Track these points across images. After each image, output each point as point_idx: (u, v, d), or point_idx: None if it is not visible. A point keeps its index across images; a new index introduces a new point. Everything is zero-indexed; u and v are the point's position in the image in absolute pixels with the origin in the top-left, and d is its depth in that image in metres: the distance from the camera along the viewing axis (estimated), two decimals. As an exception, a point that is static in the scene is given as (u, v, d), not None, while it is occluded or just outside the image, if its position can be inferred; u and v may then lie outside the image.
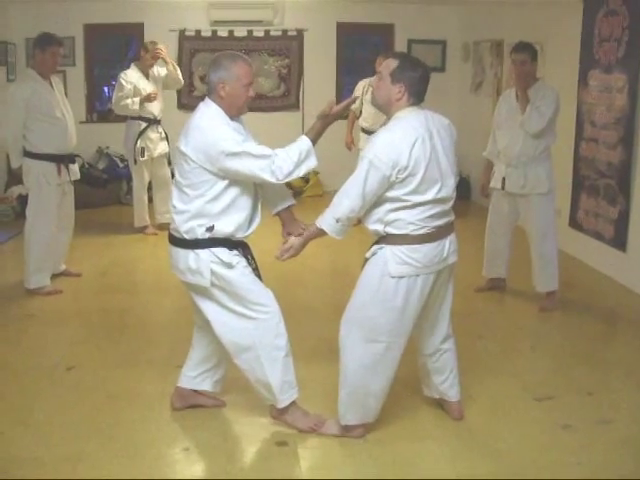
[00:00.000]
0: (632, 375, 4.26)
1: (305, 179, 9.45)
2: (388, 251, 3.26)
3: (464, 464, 3.31)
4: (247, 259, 3.44)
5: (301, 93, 9.90)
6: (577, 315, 5.28)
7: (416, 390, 3.87)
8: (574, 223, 6.65)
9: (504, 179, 5.34)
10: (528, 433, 3.57)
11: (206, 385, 3.73)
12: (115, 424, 3.61)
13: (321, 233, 3.33)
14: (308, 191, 9.48)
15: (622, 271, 5.96)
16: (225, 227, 3.31)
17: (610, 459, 3.35)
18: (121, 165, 9.11)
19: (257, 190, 3.45)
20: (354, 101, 3.59)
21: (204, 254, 3.30)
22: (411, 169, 3.15)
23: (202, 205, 3.28)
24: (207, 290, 3.36)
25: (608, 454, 3.39)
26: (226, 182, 3.27)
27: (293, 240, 3.44)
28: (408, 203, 3.20)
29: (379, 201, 3.24)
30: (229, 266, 3.32)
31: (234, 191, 3.30)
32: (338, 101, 3.52)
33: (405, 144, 3.16)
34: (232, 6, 9.29)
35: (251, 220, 3.42)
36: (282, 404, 3.49)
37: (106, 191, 9.00)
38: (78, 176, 5.90)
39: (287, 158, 3.26)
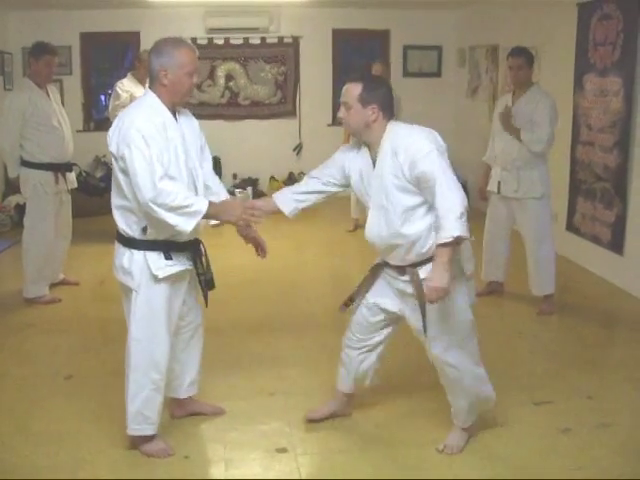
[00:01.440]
0: (631, 378, 4.26)
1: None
2: (457, 250, 3.15)
3: (464, 469, 3.31)
4: (195, 263, 3.31)
5: (297, 100, 9.92)
6: (575, 319, 5.28)
7: (415, 396, 3.87)
8: (571, 227, 6.67)
9: (499, 183, 5.36)
10: (527, 437, 3.57)
11: (183, 392, 3.68)
12: (114, 432, 3.60)
13: (454, 244, 2.98)
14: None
15: (619, 274, 5.96)
16: (158, 231, 3.15)
17: (610, 463, 3.34)
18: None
19: (197, 185, 3.28)
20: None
21: (138, 256, 3.19)
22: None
23: (133, 203, 3.12)
24: (131, 293, 3.26)
25: (608, 458, 3.38)
26: None
27: (430, 281, 3.00)
28: None
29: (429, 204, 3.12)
30: (155, 278, 3.19)
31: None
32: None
33: (433, 131, 3.18)
34: (228, 14, 9.33)
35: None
36: (129, 431, 3.39)
37: (104, 199, 8.90)
38: (75, 185, 5.91)
39: (177, 195, 3.01)
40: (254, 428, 3.67)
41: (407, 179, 3.08)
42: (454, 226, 2.93)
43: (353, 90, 3.20)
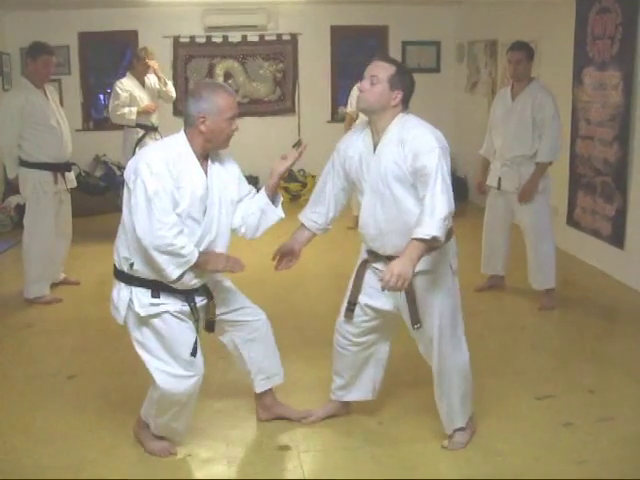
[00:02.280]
0: (633, 372, 4.26)
1: (303, 183, 9.47)
2: (446, 247, 3.22)
3: (466, 464, 3.31)
4: (191, 307, 3.17)
5: (296, 97, 9.90)
6: (576, 313, 5.28)
7: (417, 392, 3.87)
8: (571, 221, 6.66)
9: (499, 178, 5.35)
10: (529, 432, 3.57)
11: (256, 386, 3.61)
12: (117, 432, 3.61)
13: (429, 243, 2.97)
14: (305, 195, 9.46)
15: (620, 268, 5.96)
16: (143, 268, 3.05)
17: (612, 457, 3.35)
18: (118, 173, 9.10)
19: (207, 239, 3.13)
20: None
21: (124, 291, 3.10)
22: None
23: (127, 236, 3.07)
24: (131, 329, 3.18)
25: (610, 452, 3.38)
26: None
27: (394, 265, 2.94)
28: None
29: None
30: (137, 315, 3.08)
31: None
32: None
33: (439, 132, 3.17)
34: (226, 12, 9.32)
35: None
36: (157, 433, 3.39)
37: (104, 199, 8.99)
38: (74, 184, 5.90)
39: (171, 237, 2.94)
40: (256, 425, 3.67)
41: (407, 169, 3.09)
42: (435, 226, 2.93)
43: (387, 69, 3.16)
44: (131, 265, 3.07)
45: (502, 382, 4.14)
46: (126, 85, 7.18)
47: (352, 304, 3.46)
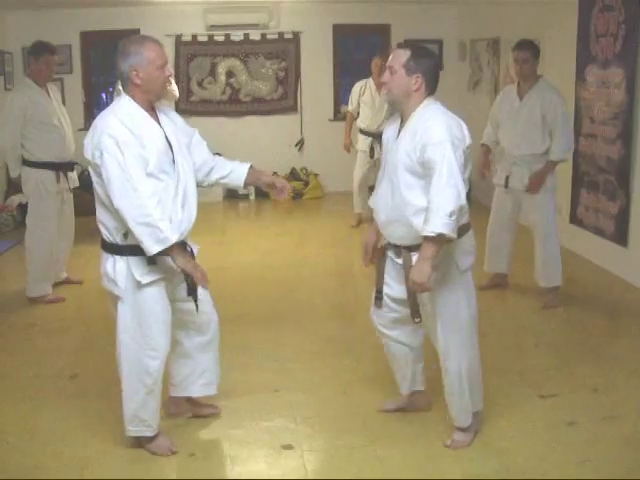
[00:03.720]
0: (637, 370, 4.25)
1: (305, 181, 9.45)
2: (452, 244, 3.13)
3: (470, 463, 3.30)
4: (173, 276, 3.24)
5: (299, 95, 9.90)
6: (580, 311, 5.27)
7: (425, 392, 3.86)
8: (575, 219, 6.65)
9: (507, 177, 5.32)
10: (533, 431, 3.56)
11: (191, 391, 3.66)
12: (119, 431, 3.59)
13: (438, 240, 2.97)
14: (308, 193, 9.47)
15: (624, 266, 5.95)
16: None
17: (616, 456, 3.34)
18: (120, 172, 9.11)
19: (180, 187, 3.20)
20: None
21: (120, 262, 3.15)
22: (470, 147, 3.13)
23: (111, 209, 3.10)
24: (117, 299, 3.23)
25: (614, 451, 3.38)
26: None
27: (412, 273, 3.01)
28: (467, 187, 3.11)
29: None
30: (138, 284, 3.15)
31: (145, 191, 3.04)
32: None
33: (461, 123, 3.14)
34: (228, 10, 9.31)
35: (178, 227, 3.16)
36: (127, 432, 3.38)
37: (106, 198, 8.98)
38: (77, 184, 5.90)
39: (150, 212, 3.00)
40: (259, 425, 3.67)
41: (417, 160, 3.07)
42: (440, 223, 2.91)
43: (401, 56, 3.15)
44: (125, 235, 3.11)
45: (506, 381, 4.13)
46: (128, 84, 7.17)
47: (379, 292, 3.43)
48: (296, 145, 9.81)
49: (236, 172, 3.48)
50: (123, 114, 3.09)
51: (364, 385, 3.98)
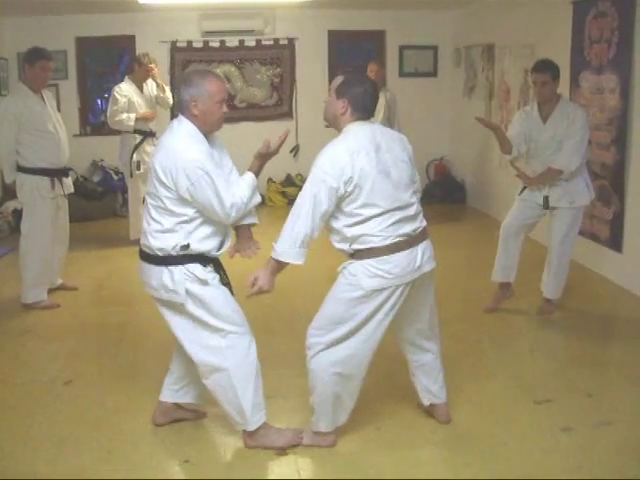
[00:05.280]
0: (631, 376, 4.26)
1: (300, 188, 9.43)
2: (358, 265, 3.29)
3: (464, 469, 3.30)
4: (220, 275, 3.39)
5: (294, 102, 9.91)
6: (575, 317, 5.28)
7: (414, 397, 3.86)
8: (569, 225, 6.64)
9: (546, 197, 5.12)
10: (528, 436, 3.56)
11: (189, 397, 3.71)
12: (114, 438, 3.60)
13: (282, 264, 3.33)
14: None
15: (618, 272, 5.96)
16: (200, 246, 3.26)
17: (611, 462, 3.34)
18: (116, 178, 9.12)
19: None
20: (286, 135, 3.54)
21: (178, 271, 3.25)
22: (357, 180, 3.18)
23: (175, 223, 3.23)
24: (181, 307, 3.30)
25: (609, 457, 3.38)
26: None
27: (257, 274, 3.36)
28: (362, 217, 3.22)
29: (335, 219, 3.29)
30: (204, 283, 3.28)
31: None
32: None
33: (347, 155, 3.19)
34: (223, 16, 9.31)
35: (224, 237, 3.40)
36: (253, 426, 3.43)
37: (101, 204, 9.00)
38: (72, 190, 5.90)
39: (241, 200, 3.26)
40: (254, 431, 3.66)
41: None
42: (282, 251, 3.28)
43: (337, 80, 3.37)
44: (184, 247, 3.23)
45: (500, 386, 4.14)
46: (124, 90, 7.18)
47: None
48: (291, 151, 9.81)
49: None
50: (190, 137, 3.25)
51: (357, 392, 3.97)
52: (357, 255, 3.30)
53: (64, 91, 9.15)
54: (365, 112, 3.34)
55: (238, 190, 3.26)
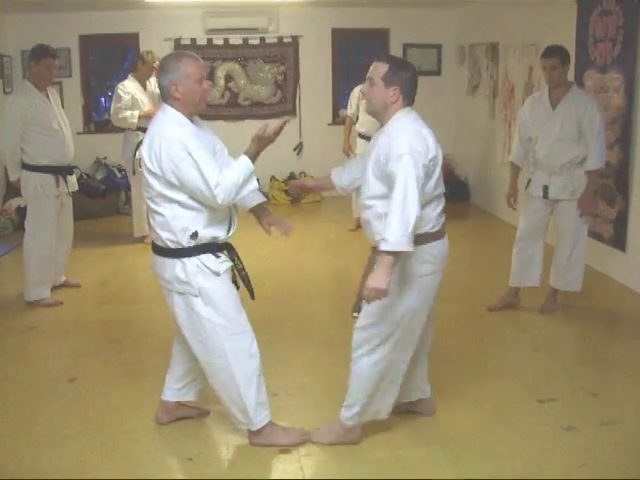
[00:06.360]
0: (635, 375, 4.25)
1: (303, 185, 9.46)
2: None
3: (467, 467, 3.30)
4: (234, 260, 3.39)
5: (298, 99, 9.91)
6: (579, 316, 5.27)
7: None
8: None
9: (546, 187, 5.14)
10: (531, 435, 3.56)
11: (191, 395, 3.73)
12: (118, 435, 3.60)
13: (396, 255, 3.03)
14: (306, 197, 9.48)
15: (622, 271, 5.96)
16: (208, 232, 3.24)
17: (615, 461, 3.34)
18: (119, 175, 9.13)
19: None
20: (284, 124, 3.50)
21: (191, 263, 3.24)
22: (435, 160, 3.17)
23: (174, 209, 3.20)
24: (190, 304, 3.29)
25: (613, 456, 3.37)
26: None
27: (370, 279, 3.03)
28: (429, 197, 3.19)
29: None
30: (216, 274, 3.27)
31: None
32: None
33: (428, 135, 3.18)
34: (227, 14, 9.32)
35: (231, 218, 3.37)
36: (258, 425, 3.44)
37: (105, 201, 9.00)
38: (76, 187, 5.91)
39: (230, 182, 3.14)
40: (257, 429, 3.67)
41: (381, 170, 3.17)
42: (395, 241, 2.98)
43: (380, 68, 3.25)
44: (193, 235, 3.20)
45: (504, 385, 4.14)
46: (128, 88, 7.18)
47: (360, 300, 3.40)
48: (295, 149, 9.82)
49: (245, 200, 3.50)
50: (175, 122, 3.21)
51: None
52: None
53: (68, 89, 9.15)
54: (412, 97, 3.29)
55: (227, 171, 3.18)
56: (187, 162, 3.10)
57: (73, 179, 5.82)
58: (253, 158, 3.30)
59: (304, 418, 3.75)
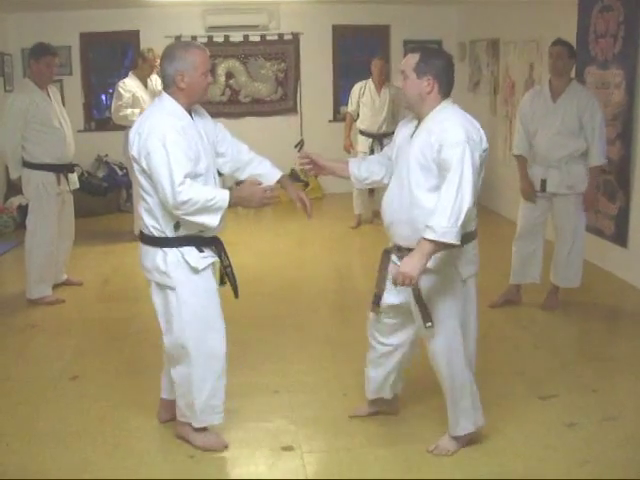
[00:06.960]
0: (636, 371, 4.25)
1: (305, 182, 9.46)
2: (455, 251, 3.10)
3: (469, 465, 3.30)
4: (220, 256, 3.36)
5: (298, 96, 9.90)
6: (580, 312, 5.27)
7: (419, 393, 3.86)
8: (574, 220, 6.63)
9: (543, 181, 5.15)
10: (533, 432, 3.56)
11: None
12: (119, 433, 3.61)
13: (441, 246, 2.92)
14: (308, 194, 9.43)
15: (623, 267, 5.95)
16: (190, 224, 3.17)
17: (616, 457, 3.34)
18: (120, 173, 9.13)
19: (218, 181, 3.37)
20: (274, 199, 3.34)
21: (172, 254, 3.21)
22: (487, 153, 3.09)
23: (159, 201, 3.15)
24: (167, 296, 3.27)
25: (614, 452, 3.37)
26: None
27: (403, 263, 2.97)
28: (478, 192, 3.08)
29: None
30: (195, 271, 3.23)
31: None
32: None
33: (478, 126, 3.09)
34: (227, 11, 9.31)
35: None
36: (198, 424, 3.42)
37: (106, 199, 9.01)
38: (77, 185, 5.91)
39: (197, 195, 3.05)
40: (259, 426, 3.67)
41: (432, 159, 3.03)
42: (444, 232, 2.86)
43: (410, 59, 3.14)
44: (176, 226, 3.17)
45: (505, 382, 4.14)
46: (129, 85, 7.17)
47: (377, 297, 3.39)
48: (296, 146, 9.81)
49: (266, 177, 3.53)
50: (167, 113, 3.18)
51: (364, 387, 3.97)
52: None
53: (68, 87, 9.15)
54: (450, 86, 3.15)
55: (201, 186, 3.11)
56: (159, 153, 3.05)
57: (74, 177, 5.83)
58: (232, 200, 3.17)
59: (306, 415, 3.75)
